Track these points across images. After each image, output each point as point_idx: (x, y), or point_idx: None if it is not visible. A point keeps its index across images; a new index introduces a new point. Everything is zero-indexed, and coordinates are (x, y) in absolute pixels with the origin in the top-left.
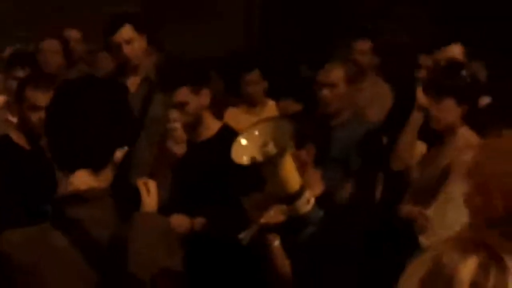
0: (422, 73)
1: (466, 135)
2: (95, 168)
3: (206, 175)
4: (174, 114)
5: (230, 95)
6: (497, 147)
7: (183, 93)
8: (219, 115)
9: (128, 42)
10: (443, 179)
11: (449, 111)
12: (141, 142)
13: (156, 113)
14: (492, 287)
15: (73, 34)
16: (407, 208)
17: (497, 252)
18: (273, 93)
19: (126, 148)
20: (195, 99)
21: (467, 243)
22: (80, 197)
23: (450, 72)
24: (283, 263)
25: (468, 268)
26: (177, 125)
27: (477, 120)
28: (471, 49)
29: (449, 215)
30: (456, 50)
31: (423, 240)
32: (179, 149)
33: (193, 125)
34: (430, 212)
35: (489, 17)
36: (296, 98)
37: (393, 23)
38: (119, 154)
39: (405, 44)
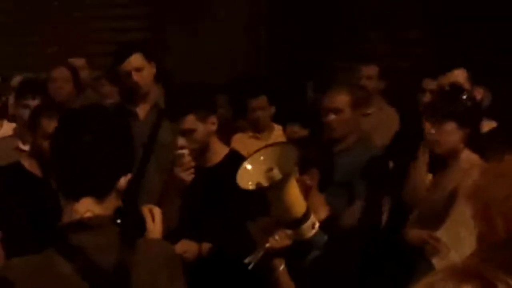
0: (426, 97)
1: (469, 158)
2: (99, 195)
3: (214, 200)
4: (181, 141)
5: (237, 120)
6: (498, 171)
7: (190, 121)
8: (226, 141)
9: (138, 70)
10: (451, 202)
11: (450, 135)
12: (150, 168)
13: (165, 140)
14: None
15: (78, 62)
16: (415, 232)
17: (492, 281)
18: (280, 118)
19: (129, 175)
20: (202, 126)
21: (462, 272)
22: (85, 225)
23: (451, 96)
24: (289, 287)
25: None
26: (185, 152)
27: (480, 144)
28: (475, 74)
29: (462, 236)
30: (459, 75)
31: (436, 262)
32: (187, 175)
33: (200, 151)
34: (439, 234)
35: (491, 34)
36: (302, 123)
37: (396, 47)
38: (123, 181)
39: (408, 68)
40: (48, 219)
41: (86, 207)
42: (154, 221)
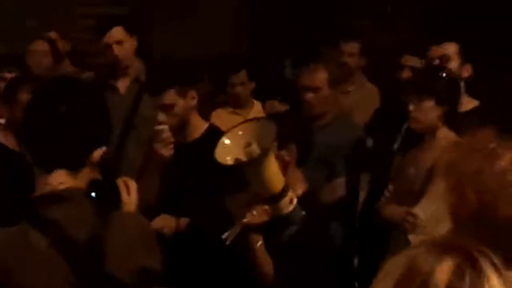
0: (405, 73)
1: (447, 135)
2: (73, 167)
3: (193, 176)
4: (161, 116)
5: (217, 96)
6: (470, 145)
7: (170, 96)
8: (206, 116)
9: (119, 43)
10: (428, 179)
11: (428, 112)
12: (130, 142)
13: (145, 114)
14: None
15: (52, 35)
16: (393, 209)
17: (472, 254)
18: (260, 94)
19: (104, 148)
20: (182, 101)
21: (442, 245)
22: (57, 197)
23: (430, 73)
24: (266, 263)
25: (443, 271)
26: (164, 127)
27: (458, 122)
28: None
29: (439, 213)
30: (450, 48)
31: (413, 239)
32: (167, 151)
33: (180, 126)
34: (417, 210)
35: (475, 16)
36: (282, 98)
37: (377, 22)
38: (97, 153)
39: (389, 44)
40: (23, 192)
41: (59, 179)
42: (129, 194)
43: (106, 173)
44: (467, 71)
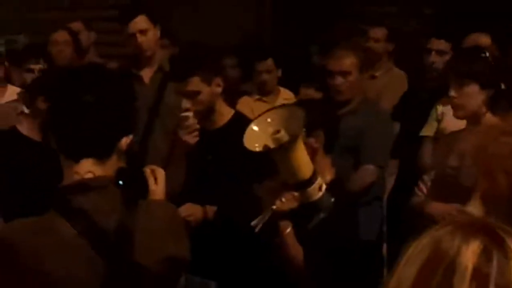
0: (432, 58)
1: (492, 122)
2: (100, 156)
3: (219, 163)
4: (186, 103)
5: (244, 83)
6: (500, 129)
7: (195, 82)
8: (232, 103)
9: (143, 32)
10: None
11: (472, 97)
12: (156, 131)
13: (170, 103)
14: (496, 271)
15: (76, 25)
16: (438, 206)
17: (499, 234)
18: (286, 82)
19: (131, 136)
20: (207, 88)
21: (468, 227)
22: (86, 186)
23: (472, 56)
24: (295, 250)
25: (470, 253)
26: (189, 114)
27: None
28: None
29: None
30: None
31: None
32: (191, 138)
33: (206, 113)
34: (471, 209)
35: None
36: (317, 86)
37: (401, 8)
38: (124, 142)
39: (415, 30)
40: (46, 182)
41: (87, 168)
42: (157, 182)
43: (133, 162)
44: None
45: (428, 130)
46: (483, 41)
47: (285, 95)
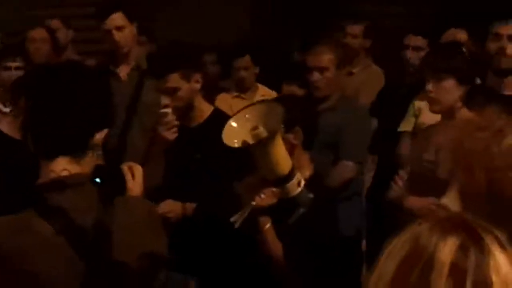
0: (409, 54)
1: (466, 117)
2: (74, 154)
3: (199, 159)
4: (165, 100)
5: (223, 80)
6: (477, 123)
7: (173, 79)
8: (211, 100)
9: (119, 28)
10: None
11: (449, 92)
12: (133, 128)
13: (148, 100)
14: (473, 267)
15: (54, 23)
16: (415, 200)
17: (477, 231)
18: (266, 78)
19: (106, 130)
20: (187, 85)
21: (446, 223)
22: (62, 184)
23: (450, 51)
24: (275, 245)
25: (447, 249)
26: (168, 110)
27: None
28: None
29: None
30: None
31: None
32: (170, 134)
33: (185, 110)
34: (446, 201)
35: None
36: (299, 83)
37: (379, 6)
38: (99, 136)
39: (393, 27)
40: (28, 180)
41: (62, 166)
42: (134, 179)
43: (111, 158)
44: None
45: (406, 126)
46: (460, 37)
47: (263, 92)
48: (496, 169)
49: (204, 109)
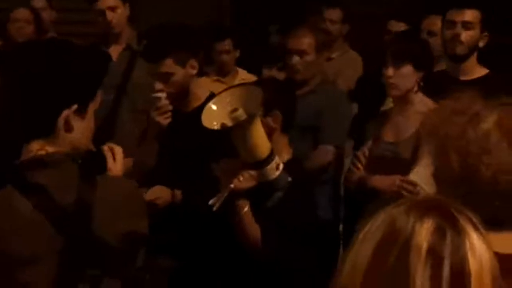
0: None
1: (424, 101)
2: (44, 134)
3: (192, 145)
4: (158, 84)
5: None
6: (453, 108)
7: (168, 64)
8: None
9: (112, 9)
10: (416, 146)
11: (407, 77)
12: (123, 108)
13: (139, 81)
14: (449, 249)
15: (39, 3)
16: (383, 178)
17: (452, 213)
18: (245, 62)
19: (74, 107)
20: (182, 70)
21: (421, 205)
22: (41, 162)
23: (407, 38)
24: (253, 228)
25: (424, 231)
26: (162, 95)
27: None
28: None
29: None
30: (474, 16)
31: None
32: (163, 119)
33: (180, 95)
34: (413, 178)
35: None
36: (279, 66)
37: None
38: (64, 115)
39: (373, 13)
40: (7, 158)
41: (39, 146)
42: (115, 160)
43: (97, 137)
44: (483, 40)
45: None
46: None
47: (243, 76)
48: (471, 154)
49: (200, 94)
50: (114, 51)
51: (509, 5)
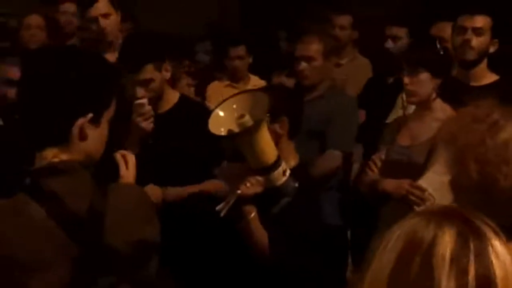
0: (389, 44)
1: (442, 107)
2: (58, 142)
3: (170, 146)
4: (141, 91)
5: (213, 69)
6: (472, 116)
7: (148, 71)
8: (202, 89)
9: (105, 16)
10: (430, 152)
11: (424, 84)
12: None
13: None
14: (474, 255)
15: (70, 8)
16: (391, 182)
17: (473, 221)
18: (257, 68)
19: (89, 115)
20: (159, 75)
21: (441, 214)
22: (55, 169)
23: (424, 45)
24: (260, 234)
25: (446, 240)
26: (144, 101)
27: (450, 94)
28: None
29: (445, 185)
30: (484, 22)
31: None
32: (148, 124)
33: (157, 99)
34: (422, 183)
35: None
36: (287, 72)
37: None
38: (80, 123)
39: (380, 17)
40: (8, 166)
41: (52, 154)
42: (128, 167)
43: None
44: (493, 46)
45: (394, 118)
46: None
47: (255, 82)
48: (489, 162)
49: (172, 96)
50: (109, 59)
51: None
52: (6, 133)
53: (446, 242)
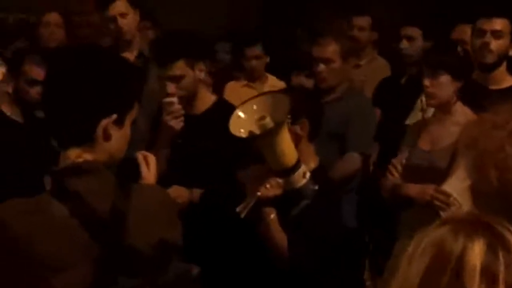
0: (403, 44)
1: (463, 111)
2: (83, 142)
3: (202, 148)
4: (171, 88)
5: (232, 69)
6: (492, 122)
7: (179, 67)
8: (220, 89)
9: (123, 15)
10: (453, 156)
11: (444, 87)
12: (139, 116)
13: (152, 88)
14: (503, 267)
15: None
16: (416, 187)
17: (499, 230)
18: (273, 68)
19: (114, 116)
20: (191, 73)
21: (468, 224)
22: (79, 169)
23: (444, 48)
24: (279, 236)
25: (476, 251)
26: (174, 99)
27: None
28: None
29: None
30: (504, 25)
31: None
32: (177, 123)
33: (188, 98)
34: (447, 188)
35: None
36: (307, 73)
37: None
38: (105, 124)
39: (396, 18)
40: (29, 165)
41: (76, 154)
42: (149, 168)
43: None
44: None
45: (413, 120)
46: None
47: (273, 82)
48: (509, 169)
49: (207, 98)
50: (127, 58)
51: None
52: (27, 132)
53: (476, 254)
